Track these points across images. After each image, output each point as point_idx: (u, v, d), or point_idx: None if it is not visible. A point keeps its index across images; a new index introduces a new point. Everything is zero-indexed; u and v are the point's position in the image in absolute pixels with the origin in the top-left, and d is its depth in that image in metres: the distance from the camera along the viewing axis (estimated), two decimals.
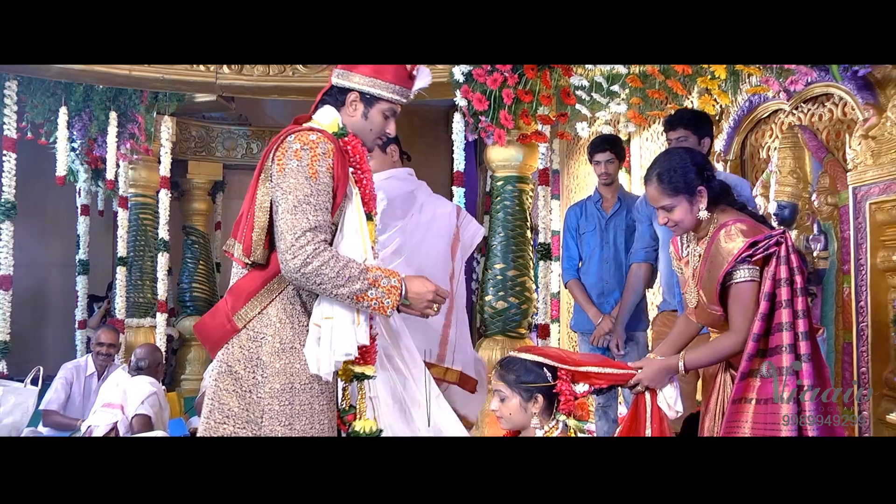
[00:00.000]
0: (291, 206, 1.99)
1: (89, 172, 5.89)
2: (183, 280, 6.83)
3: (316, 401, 2.07)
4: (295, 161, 2.01)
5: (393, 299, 2.05)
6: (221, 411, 2.08)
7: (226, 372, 2.09)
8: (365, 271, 2.03)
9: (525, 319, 4.35)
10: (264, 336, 2.07)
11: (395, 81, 2.21)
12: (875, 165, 2.99)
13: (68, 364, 4.82)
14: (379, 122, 2.24)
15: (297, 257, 1.96)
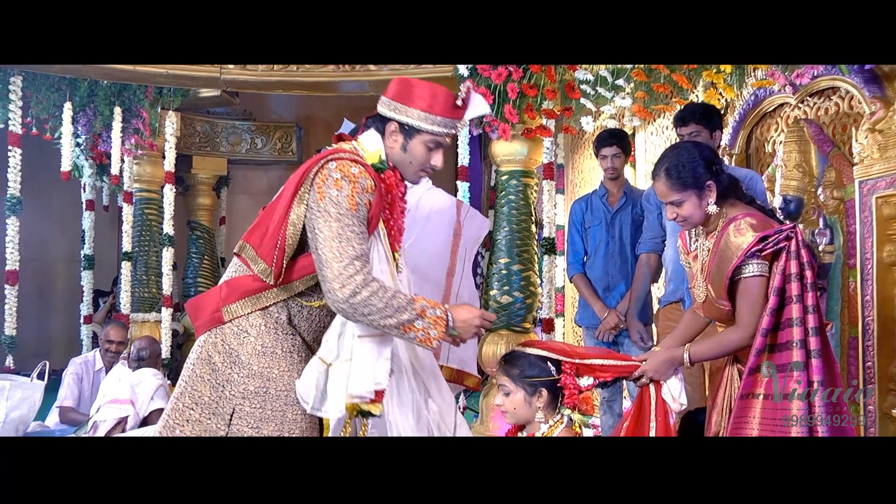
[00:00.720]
0: (336, 234, 1.95)
1: (94, 168, 5.89)
2: (188, 275, 6.85)
3: (289, 409, 2.04)
4: (335, 191, 1.97)
5: (439, 330, 2.03)
6: (192, 397, 2.06)
7: (205, 360, 2.07)
8: (412, 302, 2.01)
9: (530, 314, 4.34)
10: (247, 335, 2.05)
11: (442, 113, 2.12)
12: (882, 159, 2.98)
13: (77, 359, 4.84)
14: (420, 154, 2.16)
15: (346, 286, 1.93)
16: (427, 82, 2.19)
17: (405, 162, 2.16)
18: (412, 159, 2.16)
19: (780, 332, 2.18)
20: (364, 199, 2.01)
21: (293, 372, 2.07)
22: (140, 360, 4.23)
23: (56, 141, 5.14)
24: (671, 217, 2.35)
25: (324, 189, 1.98)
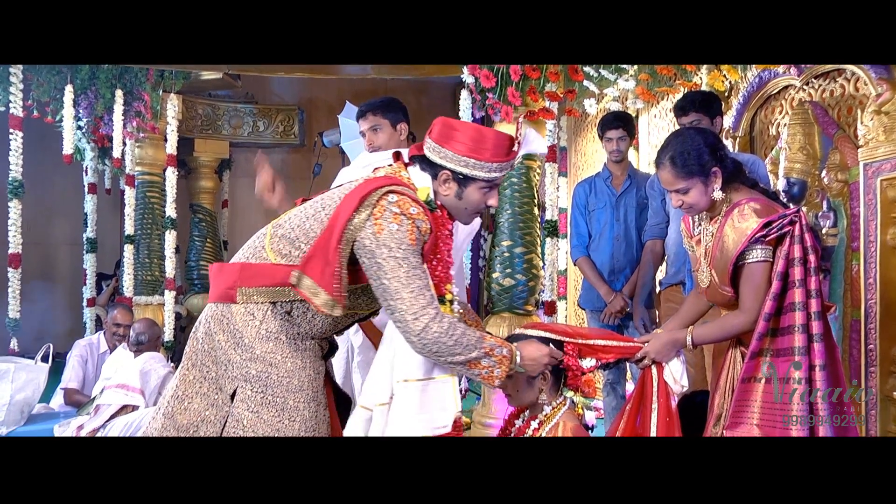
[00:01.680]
0: (401, 267, 1.94)
1: (96, 151, 5.90)
2: (191, 258, 6.87)
3: (291, 396, 2.02)
4: (395, 225, 1.95)
5: (504, 368, 2.04)
6: (200, 370, 2.08)
7: (210, 335, 2.08)
8: (481, 339, 2.01)
9: (532, 296, 4.36)
10: (253, 318, 2.04)
11: (493, 158, 2.08)
12: (887, 141, 2.96)
13: (81, 342, 4.86)
14: (476, 199, 2.13)
15: (418, 319, 1.93)
16: (472, 125, 2.17)
17: (460, 208, 2.14)
18: (467, 205, 2.14)
19: (783, 317, 2.18)
20: (420, 241, 1.99)
21: (296, 359, 2.06)
22: (139, 343, 4.24)
23: (57, 124, 5.13)
24: (676, 205, 2.33)
25: (382, 222, 1.95)
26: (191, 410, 2.06)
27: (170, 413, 2.08)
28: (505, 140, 2.11)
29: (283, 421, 2.01)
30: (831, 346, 2.17)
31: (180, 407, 2.07)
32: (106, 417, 3.81)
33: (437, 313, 1.95)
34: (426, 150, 2.13)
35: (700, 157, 2.24)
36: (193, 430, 2.05)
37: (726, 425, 2.24)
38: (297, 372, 2.05)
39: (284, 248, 2.06)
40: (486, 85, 4.05)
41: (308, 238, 2.03)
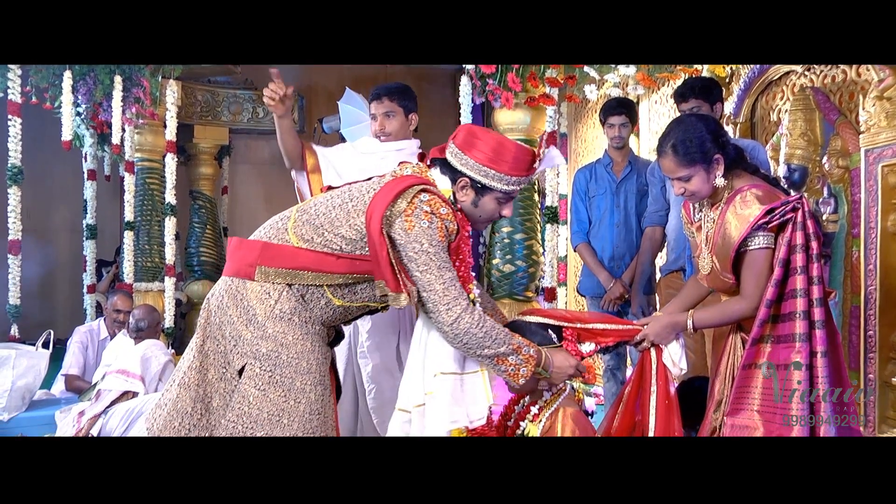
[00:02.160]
0: (433, 261, 2.02)
1: (95, 137, 5.87)
2: (190, 244, 6.86)
3: (299, 378, 2.05)
4: (426, 222, 2.02)
5: (529, 368, 2.10)
6: (214, 339, 2.10)
7: (223, 309, 2.10)
8: (510, 335, 2.08)
9: (532, 283, 4.36)
10: (269, 297, 2.07)
11: (512, 172, 2.13)
12: (889, 127, 2.95)
13: (81, 328, 4.87)
14: (491, 208, 2.19)
15: (451, 310, 2.01)
16: (495, 135, 2.20)
17: (475, 215, 2.19)
18: (482, 213, 2.19)
19: (784, 303, 2.17)
20: (447, 239, 2.06)
21: (306, 342, 2.08)
22: (139, 330, 4.24)
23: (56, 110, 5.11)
24: (678, 192, 2.31)
25: (413, 219, 2.02)
26: (206, 381, 2.10)
27: (185, 383, 2.10)
28: (526, 155, 2.15)
29: (288, 401, 2.03)
30: (832, 333, 2.17)
31: (197, 378, 2.10)
32: (107, 403, 3.82)
33: (469, 305, 2.04)
34: (448, 154, 2.17)
35: (702, 144, 2.23)
36: (207, 401, 2.09)
37: (727, 412, 2.24)
38: (307, 354, 2.08)
39: (307, 233, 2.10)
40: (487, 71, 4.03)
41: (333, 226, 2.08)
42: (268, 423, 2.02)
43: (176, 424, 2.08)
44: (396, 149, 3.00)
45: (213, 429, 2.08)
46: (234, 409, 2.04)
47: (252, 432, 2.02)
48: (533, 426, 2.26)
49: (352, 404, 3.05)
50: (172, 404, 2.10)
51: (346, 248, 2.07)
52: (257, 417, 2.02)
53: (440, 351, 2.12)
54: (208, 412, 2.09)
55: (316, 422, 2.07)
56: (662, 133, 2.33)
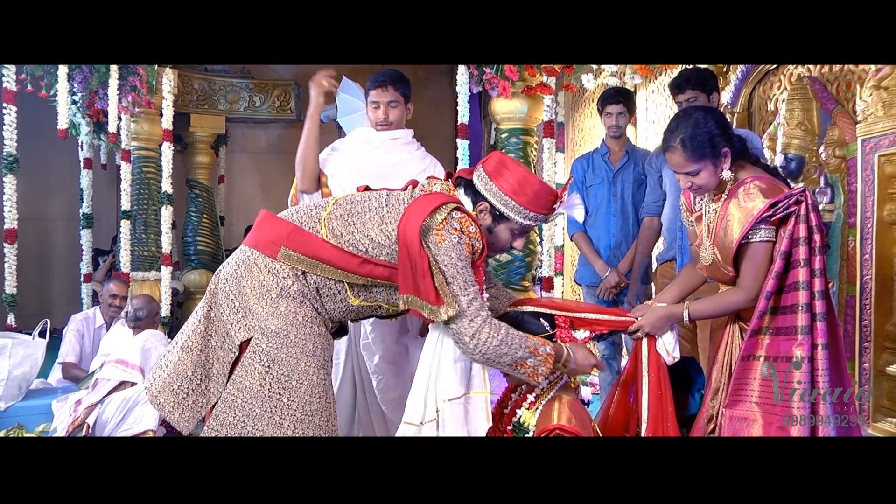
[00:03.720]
0: (459, 274, 2.08)
1: (91, 126, 5.84)
2: (187, 233, 6.83)
3: (303, 359, 2.08)
4: (456, 237, 2.09)
5: (547, 367, 2.16)
6: (220, 310, 2.13)
7: (236, 279, 2.13)
8: (525, 339, 2.13)
9: (529, 272, 4.36)
10: (286, 278, 2.10)
11: (531, 206, 2.19)
12: (886, 117, 2.95)
13: (77, 316, 4.86)
14: (505, 238, 2.26)
15: (473, 321, 2.07)
16: (524, 169, 2.25)
17: (488, 241, 2.23)
18: (495, 241, 2.26)
19: (785, 295, 2.17)
20: (471, 256, 2.13)
21: (315, 325, 2.12)
22: (137, 319, 4.24)
23: (52, 98, 5.08)
24: (685, 186, 2.30)
25: (444, 233, 2.09)
26: (209, 347, 2.14)
27: (188, 347, 2.14)
28: (547, 193, 2.21)
29: (291, 381, 2.06)
30: (833, 325, 2.16)
31: (200, 343, 2.14)
32: (104, 392, 3.82)
33: (489, 317, 2.10)
34: (475, 177, 2.23)
35: (712, 139, 2.21)
36: (208, 367, 2.13)
37: (725, 403, 2.25)
38: (314, 338, 2.11)
39: (338, 227, 2.14)
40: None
41: (364, 227, 2.13)
42: (268, 399, 2.04)
43: (175, 387, 2.11)
44: (392, 138, 3.01)
45: (211, 396, 2.12)
46: (236, 383, 2.07)
47: (251, 407, 2.04)
48: (529, 414, 2.27)
49: (350, 395, 3.06)
50: (174, 366, 2.13)
51: (372, 251, 2.12)
52: (258, 393, 2.04)
53: (449, 376, 2.19)
54: (208, 378, 2.13)
55: (316, 405, 2.09)
56: (668, 127, 2.30)
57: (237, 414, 2.05)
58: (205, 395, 2.12)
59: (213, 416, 2.09)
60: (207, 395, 2.12)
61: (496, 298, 2.47)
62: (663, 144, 2.31)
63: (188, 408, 2.12)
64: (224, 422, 2.06)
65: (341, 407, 3.04)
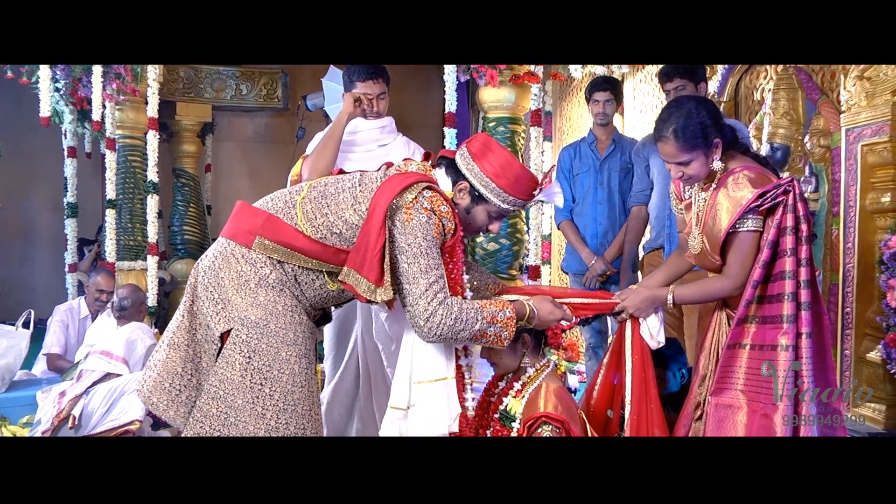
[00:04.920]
0: (423, 254, 2.05)
1: (75, 114, 5.79)
2: (174, 223, 6.79)
3: (284, 348, 2.07)
4: (425, 216, 2.06)
5: (510, 331, 2.14)
6: (201, 303, 2.12)
7: (214, 271, 2.12)
8: (480, 310, 2.10)
9: (516, 261, 4.37)
10: (263, 267, 2.09)
11: (511, 191, 2.18)
12: (869, 107, 2.97)
13: (61, 307, 4.83)
14: (481, 220, 2.24)
15: (429, 305, 2.04)
16: (508, 153, 2.24)
17: (465, 221, 2.22)
18: (472, 221, 2.23)
19: (771, 284, 2.19)
20: (442, 237, 2.10)
21: (295, 314, 2.11)
22: (122, 309, 4.21)
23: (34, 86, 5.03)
24: (676, 176, 2.30)
25: (412, 212, 2.06)
26: (195, 341, 2.13)
27: (175, 343, 2.13)
28: (528, 180, 2.20)
29: (272, 371, 2.05)
30: (819, 314, 2.18)
31: (187, 338, 2.13)
32: (88, 383, 3.80)
33: (446, 298, 2.06)
34: (458, 156, 2.22)
35: (704, 130, 2.21)
36: (197, 361, 2.12)
37: (711, 391, 2.26)
38: (295, 326, 2.10)
39: (312, 210, 2.12)
40: None
41: (339, 209, 2.12)
42: (250, 390, 2.03)
43: (167, 385, 2.11)
44: (380, 126, 3.04)
45: (202, 389, 2.11)
46: (217, 374, 2.06)
47: (233, 398, 2.04)
48: (516, 402, 2.28)
49: (352, 385, 3.06)
50: (163, 365, 2.13)
51: (347, 233, 2.10)
52: (240, 384, 2.04)
53: (426, 357, 2.19)
54: (198, 372, 2.12)
55: (298, 394, 2.08)
56: (660, 117, 2.30)
57: (220, 405, 2.05)
58: (197, 390, 2.11)
59: (197, 409, 2.08)
60: (200, 389, 2.11)
61: (477, 282, 2.46)
62: (655, 134, 2.31)
63: (182, 404, 2.11)
64: (207, 413, 2.06)
65: (342, 397, 3.05)
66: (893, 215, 2.83)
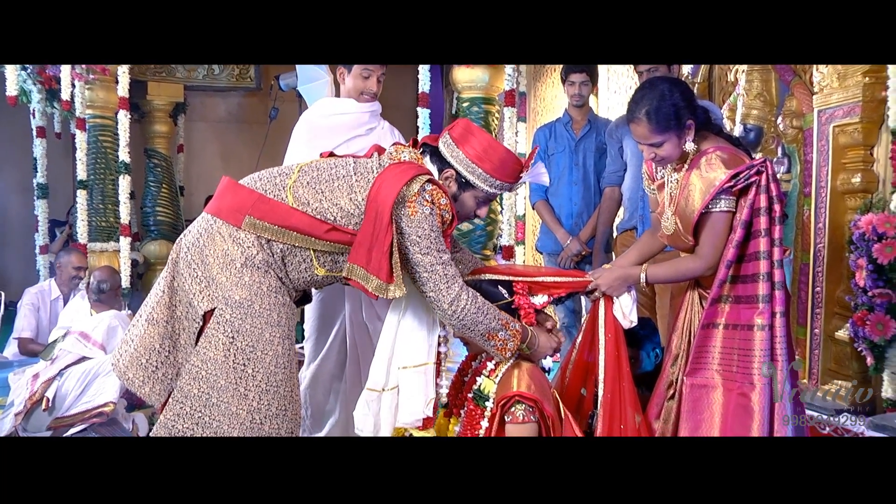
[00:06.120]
0: (434, 244, 2.09)
1: (43, 93, 5.67)
2: (146, 204, 6.70)
3: (268, 329, 2.07)
4: (428, 209, 2.10)
5: (516, 342, 2.21)
6: (183, 279, 2.10)
7: (198, 248, 2.11)
8: (499, 312, 2.18)
9: (490, 241, 4.38)
10: (250, 248, 2.08)
11: (497, 175, 2.19)
12: (841, 88, 2.99)
13: (32, 289, 4.77)
14: (469, 206, 2.27)
15: (451, 288, 2.09)
16: (490, 137, 2.25)
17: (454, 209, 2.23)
18: (460, 208, 2.25)
19: (745, 264, 2.21)
20: (441, 227, 2.14)
21: (279, 294, 2.11)
22: (100, 292, 4.17)
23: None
24: (649, 157, 2.30)
25: (416, 205, 2.08)
26: (174, 318, 2.11)
27: (154, 319, 2.11)
28: (513, 162, 2.22)
29: (255, 351, 2.05)
30: (787, 294, 2.21)
31: (166, 314, 2.11)
32: (62, 366, 3.76)
33: (464, 284, 2.13)
34: (441, 143, 2.23)
35: (677, 111, 2.21)
36: (175, 338, 2.11)
37: (686, 371, 2.28)
38: (278, 307, 2.10)
39: (305, 195, 2.12)
40: None
41: (333, 196, 2.12)
42: (233, 370, 2.03)
43: (143, 361, 2.09)
44: (370, 110, 3.02)
45: (180, 366, 2.10)
46: (199, 354, 2.05)
47: (216, 379, 2.03)
48: (489, 381, 2.28)
49: (335, 366, 3.04)
50: (140, 340, 2.10)
51: (341, 220, 2.10)
52: (223, 364, 2.03)
53: (408, 343, 2.22)
54: (175, 349, 2.11)
55: (281, 375, 2.08)
56: (633, 98, 2.29)
57: (202, 386, 2.04)
58: (174, 367, 2.10)
59: (178, 389, 2.07)
60: (177, 366, 2.10)
61: (461, 263, 2.47)
62: (627, 115, 2.31)
63: (158, 381, 2.09)
64: (188, 394, 2.05)
65: (324, 378, 3.04)
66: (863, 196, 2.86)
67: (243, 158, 7.17)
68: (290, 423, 2.12)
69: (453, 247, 2.45)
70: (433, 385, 2.20)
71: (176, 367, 2.10)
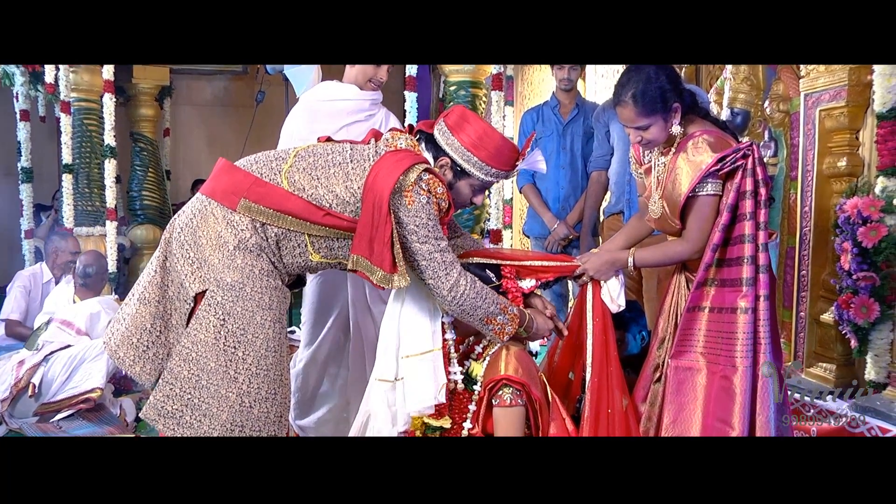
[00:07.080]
0: (432, 232, 2.09)
1: (26, 76, 5.62)
2: (132, 188, 6.66)
3: (259, 313, 2.07)
4: (425, 198, 2.08)
5: (514, 326, 2.21)
6: (175, 260, 2.10)
7: (191, 230, 2.10)
8: (496, 296, 2.18)
9: (477, 225, 4.38)
10: (244, 231, 2.07)
11: (491, 161, 2.18)
12: (827, 72, 3.00)
13: (24, 272, 4.75)
14: (465, 194, 2.25)
15: (450, 275, 2.09)
16: (486, 124, 2.22)
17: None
18: (456, 196, 2.23)
19: (731, 248, 2.21)
20: (438, 215, 2.13)
21: (271, 278, 2.11)
22: (87, 276, 4.16)
23: None
24: (635, 140, 2.30)
25: (412, 194, 2.07)
26: (166, 298, 2.11)
27: (146, 299, 2.11)
28: (509, 150, 2.20)
29: (246, 335, 2.05)
30: (772, 277, 2.22)
31: (158, 294, 2.11)
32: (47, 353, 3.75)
33: (463, 270, 2.13)
34: (436, 131, 2.21)
35: (663, 94, 2.21)
36: (167, 318, 2.11)
37: (671, 354, 2.30)
38: (270, 291, 2.09)
39: (300, 180, 2.10)
40: None
41: (329, 182, 2.10)
42: (223, 353, 2.03)
43: (134, 340, 2.09)
44: (372, 98, 3.00)
45: (171, 346, 2.10)
46: (190, 336, 2.05)
47: (206, 361, 2.03)
48: (477, 364, 2.29)
49: (332, 351, 3.03)
50: (131, 319, 2.10)
51: (336, 208, 2.09)
52: (213, 346, 2.03)
53: (412, 331, 2.22)
54: (167, 329, 2.11)
55: (271, 359, 2.08)
56: (619, 81, 2.29)
57: (191, 368, 2.04)
58: (165, 347, 2.10)
59: (168, 370, 2.07)
60: (168, 346, 2.10)
61: (462, 247, 2.48)
62: (614, 98, 2.31)
63: (149, 360, 2.10)
64: (178, 376, 2.05)
65: (320, 362, 3.03)
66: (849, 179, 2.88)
67: (230, 142, 7.14)
68: (280, 406, 2.12)
69: (454, 231, 2.46)
70: (442, 371, 2.19)
71: (167, 347, 2.10)
